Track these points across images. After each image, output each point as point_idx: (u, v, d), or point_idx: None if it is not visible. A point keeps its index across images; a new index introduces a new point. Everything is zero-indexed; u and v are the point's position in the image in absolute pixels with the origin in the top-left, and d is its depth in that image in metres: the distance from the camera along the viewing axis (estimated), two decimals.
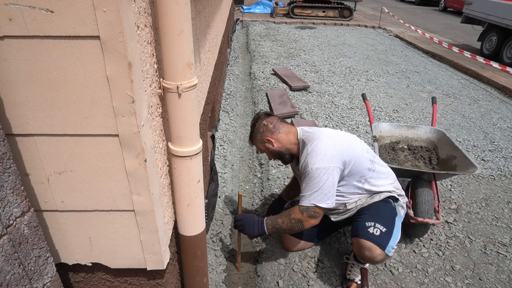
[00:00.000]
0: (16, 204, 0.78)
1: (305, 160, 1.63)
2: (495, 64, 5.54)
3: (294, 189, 2.17)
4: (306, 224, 1.62)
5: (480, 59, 5.78)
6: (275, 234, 1.92)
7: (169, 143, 1.13)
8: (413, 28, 8.25)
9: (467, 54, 6.15)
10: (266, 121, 1.76)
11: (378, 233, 1.59)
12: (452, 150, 2.24)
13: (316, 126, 3.53)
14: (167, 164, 1.22)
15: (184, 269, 1.43)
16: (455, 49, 6.48)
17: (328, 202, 1.59)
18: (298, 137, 1.74)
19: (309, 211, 1.60)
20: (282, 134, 1.74)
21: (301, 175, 1.68)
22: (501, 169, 3.04)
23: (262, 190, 2.71)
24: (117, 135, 0.92)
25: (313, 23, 9.82)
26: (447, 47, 6.67)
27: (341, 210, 1.81)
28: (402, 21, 9.05)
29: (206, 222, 1.48)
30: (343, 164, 1.63)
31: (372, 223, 1.62)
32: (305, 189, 1.61)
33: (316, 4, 10.21)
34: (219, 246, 2.12)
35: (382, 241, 1.58)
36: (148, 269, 1.18)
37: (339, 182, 1.66)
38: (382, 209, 1.71)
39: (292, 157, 1.81)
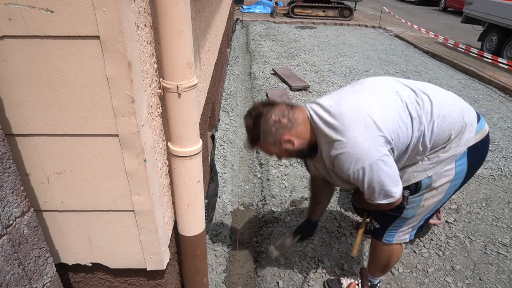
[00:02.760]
0: (16, 204, 0.78)
1: (335, 159, 1.24)
2: (503, 61, 5.54)
3: (320, 202, 1.75)
4: (389, 207, 1.30)
5: (488, 55, 5.77)
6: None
7: (169, 143, 1.13)
8: (415, 27, 8.24)
9: (474, 51, 6.15)
10: (275, 115, 1.27)
11: None
12: None
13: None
14: (167, 164, 1.22)
15: (184, 270, 1.43)
16: (462, 47, 6.47)
17: (396, 189, 1.23)
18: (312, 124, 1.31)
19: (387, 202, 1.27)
20: (301, 126, 1.30)
21: (334, 171, 1.34)
22: (501, 169, 3.04)
23: (262, 190, 2.71)
24: (117, 135, 0.92)
25: (313, 23, 9.81)
26: (453, 44, 6.66)
27: None
28: (404, 21, 9.04)
29: (206, 222, 1.48)
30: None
31: None
32: (367, 193, 1.27)
33: (316, 4, 10.21)
34: (219, 246, 2.12)
35: None
36: (148, 269, 1.17)
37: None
38: None
39: (312, 149, 1.37)
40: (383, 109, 1.22)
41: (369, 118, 1.19)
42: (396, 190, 1.23)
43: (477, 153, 1.33)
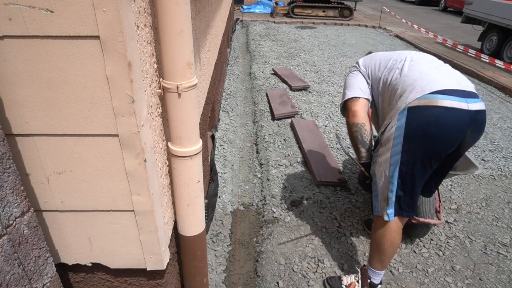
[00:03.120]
0: (16, 204, 0.78)
1: None
2: (499, 62, 5.54)
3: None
4: (349, 120, 1.72)
5: (485, 57, 5.77)
6: (355, 147, 1.77)
7: (169, 143, 1.13)
8: (416, 27, 8.24)
9: (472, 51, 6.15)
10: None
11: None
12: None
13: (315, 126, 3.54)
14: (167, 164, 1.22)
15: (184, 270, 1.43)
16: (460, 48, 6.47)
17: (349, 93, 1.72)
18: None
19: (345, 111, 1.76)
20: None
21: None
22: (501, 169, 3.04)
23: (262, 190, 2.71)
24: (116, 135, 0.92)
25: (313, 23, 9.81)
26: (452, 45, 6.66)
27: None
28: (404, 21, 9.04)
29: (206, 222, 1.48)
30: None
31: None
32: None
33: (316, 4, 10.21)
34: (219, 246, 2.12)
35: None
36: (148, 269, 1.17)
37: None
38: None
39: None
40: (373, 57, 1.79)
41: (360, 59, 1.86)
42: (348, 93, 1.75)
43: (418, 118, 1.42)
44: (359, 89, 1.72)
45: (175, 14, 0.92)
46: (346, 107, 1.75)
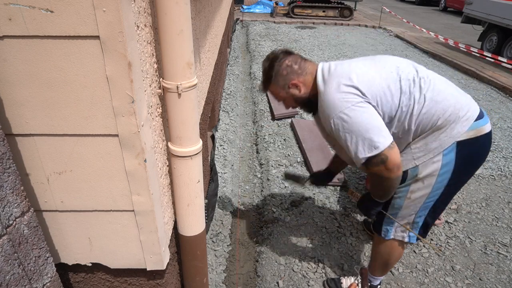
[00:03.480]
0: (16, 204, 0.78)
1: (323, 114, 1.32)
2: (503, 59, 5.54)
3: (339, 159, 1.76)
4: (392, 175, 1.25)
5: (488, 55, 5.77)
6: (386, 195, 1.41)
7: (169, 143, 1.13)
8: (417, 27, 8.24)
9: (474, 49, 6.16)
10: (289, 60, 1.40)
11: None
12: None
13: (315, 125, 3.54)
14: (167, 164, 1.22)
15: (184, 270, 1.43)
16: (462, 46, 6.48)
17: (382, 141, 1.20)
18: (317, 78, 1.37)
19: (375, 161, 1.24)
20: (308, 76, 1.40)
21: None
22: (501, 169, 3.04)
23: (262, 190, 2.71)
24: (116, 135, 0.92)
25: (313, 23, 9.81)
26: (453, 44, 6.65)
27: None
28: (405, 20, 9.04)
29: (206, 222, 1.48)
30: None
31: None
32: (349, 149, 1.27)
33: (316, 4, 10.21)
34: (219, 246, 2.12)
35: None
36: (148, 269, 1.17)
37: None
38: None
39: (314, 104, 1.42)
40: (371, 74, 1.29)
41: (349, 75, 1.27)
42: (379, 140, 1.20)
43: (469, 150, 1.29)
44: (387, 130, 1.24)
45: (175, 14, 0.92)
46: (380, 159, 1.22)
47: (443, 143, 1.27)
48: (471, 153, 1.31)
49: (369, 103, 1.24)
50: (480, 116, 1.31)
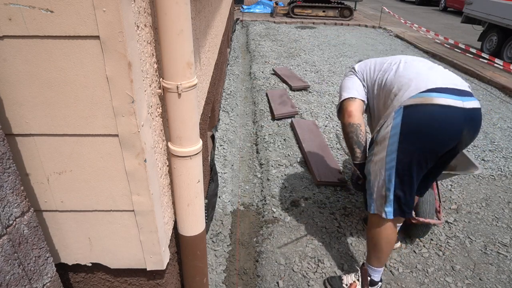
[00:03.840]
0: (16, 204, 0.78)
1: None
2: (499, 62, 5.54)
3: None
4: (344, 120, 1.71)
5: (485, 56, 5.77)
6: (350, 148, 1.76)
7: (169, 143, 1.13)
8: (416, 26, 8.24)
9: (472, 50, 6.16)
10: None
11: None
12: None
13: (315, 126, 3.54)
14: (167, 164, 1.22)
15: (184, 270, 1.43)
16: (461, 46, 6.48)
17: (345, 94, 1.72)
18: None
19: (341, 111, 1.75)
20: None
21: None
22: (501, 169, 3.04)
23: (262, 190, 2.71)
24: (116, 135, 0.92)
25: (313, 23, 9.81)
26: (453, 43, 6.64)
27: None
28: (403, 21, 9.04)
29: (206, 222, 1.48)
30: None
31: None
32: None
33: (316, 4, 10.21)
34: (219, 246, 2.12)
35: None
36: (148, 269, 1.17)
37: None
38: None
39: None
40: (368, 63, 1.81)
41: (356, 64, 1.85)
42: (344, 94, 1.75)
43: (416, 117, 1.42)
44: (355, 90, 1.74)
45: (175, 14, 0.92)
46: (342, 108, 1.76)
47: (394, 107, 1.48)
48: (419, 121, 1.42)
49: (355, 75, 1.79)
50: (443, 91, 1.40)
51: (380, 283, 1.76)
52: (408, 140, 1.45)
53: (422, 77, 1.47)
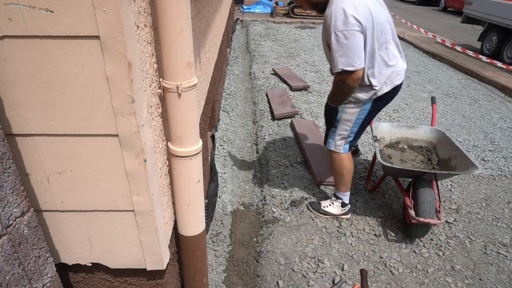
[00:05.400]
0: (16, 204, 0.78)
1: (329, 19, 1.69)
2: (499, 63, 5.53)
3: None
4: (349, 82, 1.78)
5: (484, 58, 5.77)
6: (337, 100, 2.01)
7: (169, 143, 1.13)
8: (415, 27, 8.24)
9: (470, 53, 6.16)
10: None
11: None
12: (453, 150, 2.24)
13: (315, 126, 3.54)
14: (167, 164, 1.22)
15: (184, 269, 1.43)
16: (458, 48, 6.47)
17: (355, 65, 1.70)
18: None
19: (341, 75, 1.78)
20: None
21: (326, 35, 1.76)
22: (501, 169, 3.04)
23: (262, 190, 2.71)
24: (116, 135, 0.92)
25: (313, 23, 9.81)
26: (450, 45, 6.64)
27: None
28: (404, 21, 9.04)
29: (206, 222, 1.48)
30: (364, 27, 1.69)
31: None
32: (333, 52, 1.74)
33: None
34: (219, 246, 2.12)
35: None
36: (148, 269, 1.17)
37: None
38: None
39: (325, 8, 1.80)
40: (366, 11, 1.70)
41: (354, 3, 1.65)
42: (356, 62, 1.70)
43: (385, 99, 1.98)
44: (363, 57, 1.75)
45: (175, 14, 0.92)
46: (351, 73, 1.74)
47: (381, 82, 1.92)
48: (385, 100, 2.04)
49: (362, 32, 1.68)
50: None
51: (349, 205, 2.30)
52: (377, 108, 2.01)
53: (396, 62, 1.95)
